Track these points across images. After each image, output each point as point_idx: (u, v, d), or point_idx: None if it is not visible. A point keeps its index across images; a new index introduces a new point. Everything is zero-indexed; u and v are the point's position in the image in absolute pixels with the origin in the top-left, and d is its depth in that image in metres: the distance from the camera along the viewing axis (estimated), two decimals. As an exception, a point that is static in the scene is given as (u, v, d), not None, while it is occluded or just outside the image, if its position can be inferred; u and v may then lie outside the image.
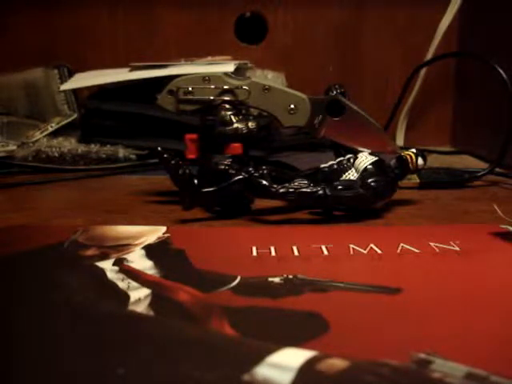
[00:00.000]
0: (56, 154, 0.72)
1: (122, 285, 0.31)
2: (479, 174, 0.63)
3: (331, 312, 0.28)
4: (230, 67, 0.69)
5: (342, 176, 0.48)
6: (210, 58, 0.80)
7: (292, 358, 0.23)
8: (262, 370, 0.22)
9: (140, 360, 0.23)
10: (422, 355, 0.23)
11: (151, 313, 0.28)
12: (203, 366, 0.23)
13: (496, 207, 0.41)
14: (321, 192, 0.46)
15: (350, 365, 0.22)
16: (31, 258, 0.37)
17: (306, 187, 0.46)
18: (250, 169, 0.47)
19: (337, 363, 0.22)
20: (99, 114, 0.76)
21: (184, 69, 0.69)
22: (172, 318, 0.27)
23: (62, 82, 0.84)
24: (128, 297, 0.30)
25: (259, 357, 0.23)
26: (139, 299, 0.29)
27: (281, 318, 0.27)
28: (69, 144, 0.74)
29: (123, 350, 0.24)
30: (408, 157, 0.50)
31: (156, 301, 0.29)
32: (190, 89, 0.52)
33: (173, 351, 0.24)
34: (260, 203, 0.50)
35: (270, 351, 0.23)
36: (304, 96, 0.51)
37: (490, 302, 0.30)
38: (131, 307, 0.29)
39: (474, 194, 0.58)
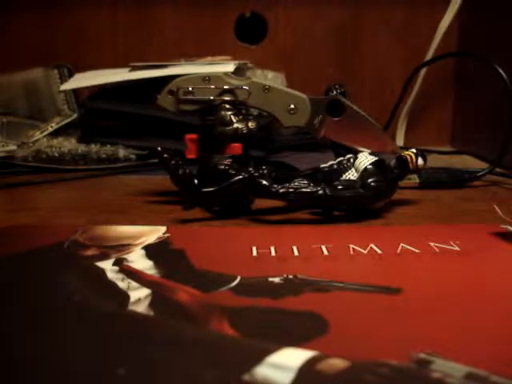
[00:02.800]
0: (56, 154, 0.72)
1: (121, 285, 0.31)
2: (479, 174, 0.63)
3: (331, 312, 0.28)
4: (229, 67, 0.69)
5: (342, 176, 0.48)
6: (209, 58, 0.80)
7: (292, 358, 0.23)
8: (261, 370, 0.22)
9: (140, 360, 0.23)
10: (422, 355, 0.23)
11: (151, 313, 0.28)
12: (203, 366, 0.23)
13: (496, 207, 0.41)
14: (321, 192, 0.46)
15: (349, 365, 0.22)
16: (31, 257, 0.37)
17: (306, 187, 0.46)
18: (250, 169, 0.47)
19: (337, 363, 0.22)
20: (99, 113, 0.76)
21: (184, 69, 0.69)
22: (172, 318, 0.27)
23: (62, 82, 0.84)
24: (128, 297, 0.30)
25: (259, 357, 0.23)
26: (139, 299, 0.29)
27: (281, 317, 0.27)
28: (69, 144, 0.74)
29: (123, 350, 0.24)
30: (408, 157, 0.50)
31: (156, 301, 0.29)
32: (190, 89, 0.52)
33: (173, 351, 0.24)
34: (260, 203, 0.50)
35: (269, 351, 0.23)
36: (304, 96, 0.51)
37: (490, 301, 0.30)
38: (131, 307, 0.29)
39: (474, 194, 0.58)
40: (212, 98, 0.51)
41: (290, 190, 0.46)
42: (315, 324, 0.27)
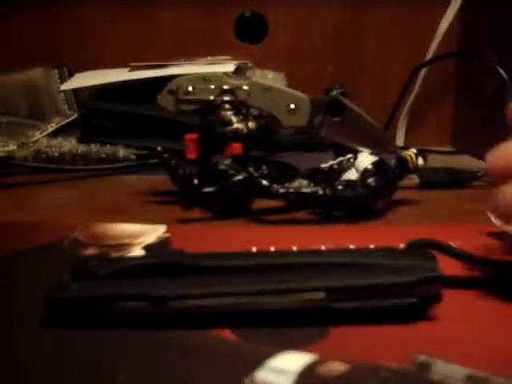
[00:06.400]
0: (56, 154, 0.72)
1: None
2: (479, 174, 0.63)
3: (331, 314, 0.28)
4: (229, 67, 0.69)
5: (341, 176, 0.48)
6: (209, 57, 0.80)
7: (292, 362, 0.23)
8: (262, 375, 0.22)
9: (140, 365, 0.23)
10: (422, 358, 0.23)
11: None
12: (203, 371, 0.23)
13: (490, 214, 0.40)
14: (321, 192, 0.46)
15: (350, 368, 0.22)
16: (31, 256, 0.37)
17: (306, 187, 0.46)
18: (250, 169, 0.47)
19: (337, 367, 0.22)
20: (99, 113, 0.75)
21: (184, 69, 0.69)
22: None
23: (62, 82, 0.84)
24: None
25: (259, 361, 0.23)
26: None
27: (281, 321, 0.27)
28: (69, 144, 0.74)
29: (123, 355, 0.24)
30: (408, 157, 0.50)
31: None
32: (190, 89, 0.51)
33: (173, 356, 0.24)
34: (260, 203, 0.50)
35: (270, 355, 0.23)
36: (304, 96, 0.51)
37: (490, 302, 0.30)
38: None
39: (474, 194, 0.58)
40: (212, 98, 0.51)
41: (290, 190, 0.46)
42: (315, 327, 0.27)
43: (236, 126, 0.51)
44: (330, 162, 0.49)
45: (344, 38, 0.97)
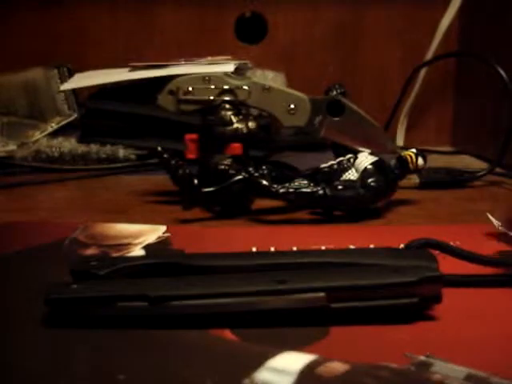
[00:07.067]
0: (56, 154, 0.72)
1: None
2: (479, 174, 0.63)
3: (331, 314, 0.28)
4: (229, 67, 0.69)
5: (341, 176, 0.48)
6: (209, 58, 0.80)
7: (292, 362, 0.23)
8: (262, 375, 0.22)
9: (140, 365, 0.23)
10: (422, 358, 0.23)
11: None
12: (204, 371, 0.23)
13: (489, 215, 0.40)
14: (321, 192, 0.46)
15: (349, 368, 0.22)
16: (31, 256, 0.37)
17: (306, 187, 0.46)
18: (250, 169, 0.47)
19: (336, 367, 0.22)
20: (99, 113, 0.75)
21: (184, 69, 0.69)
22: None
23: (62, 82, 0.84)
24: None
25: (259, 361, 0.23)
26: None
27: (281, 321, 0.27)
28: (69, 144, 0.74)
29: (123, 355, 0.24)
30: (408, 157, 0.50)
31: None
32: (190, 89, 0.52)
33: (173, 357, 0.24)
34: (260, 203, 0.50)
35: (270, 355, 0.23)
36: (304, 96, 0.51)
37: (490, 302, 0.30)
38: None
39: (474, 194, 0.58)
40: (212, 98, 0.51)
41: (290, 190, 0.46)
42: (315, 327, 0.27)
43: (236, 125, 0.51)
44: (330, 162, 0.49)
45: (344, 38, 0.97)
